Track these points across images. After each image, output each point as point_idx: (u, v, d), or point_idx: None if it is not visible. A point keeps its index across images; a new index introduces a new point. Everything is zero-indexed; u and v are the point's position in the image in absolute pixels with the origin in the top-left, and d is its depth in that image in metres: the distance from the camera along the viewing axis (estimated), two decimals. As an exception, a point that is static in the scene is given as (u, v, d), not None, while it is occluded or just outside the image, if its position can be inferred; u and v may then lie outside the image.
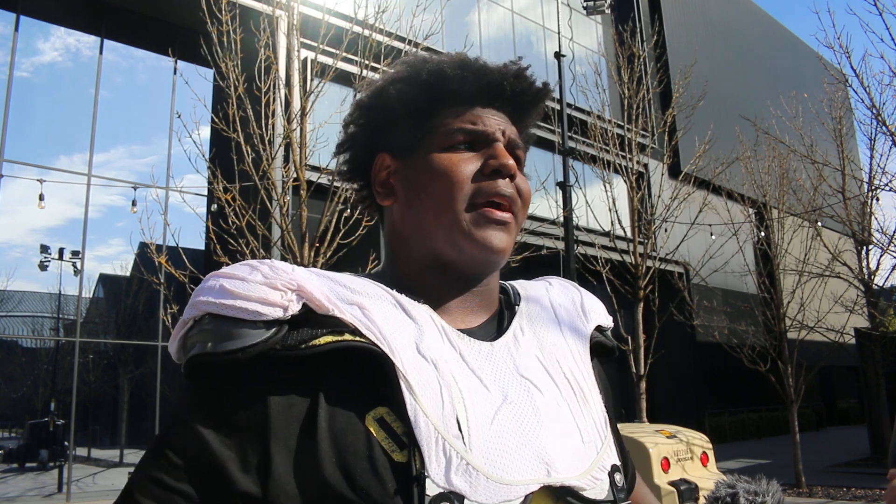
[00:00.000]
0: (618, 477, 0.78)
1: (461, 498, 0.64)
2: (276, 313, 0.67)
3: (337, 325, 0.69)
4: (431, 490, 0.64)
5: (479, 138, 0.81)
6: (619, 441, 0.86)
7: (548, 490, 0.69)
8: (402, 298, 0.75)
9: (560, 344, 0.84)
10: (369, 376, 0.69)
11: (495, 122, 0.82)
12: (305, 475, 0.64)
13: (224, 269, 0.73)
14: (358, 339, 0.68)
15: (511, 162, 0.79)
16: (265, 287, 0.69)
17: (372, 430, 0.66)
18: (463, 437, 0.67)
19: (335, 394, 0.67)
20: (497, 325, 0.83)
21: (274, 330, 0.67)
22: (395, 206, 0.84)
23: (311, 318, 0.69)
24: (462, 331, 0.77)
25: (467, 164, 0.79)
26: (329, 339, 0.68)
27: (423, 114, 0.83)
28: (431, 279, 0.80)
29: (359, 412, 0.67)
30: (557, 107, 10.57)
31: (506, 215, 0.79)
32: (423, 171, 0.80)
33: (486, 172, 0.79)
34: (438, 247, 0.78)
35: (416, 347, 0.71)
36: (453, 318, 0.79)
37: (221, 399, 0.67)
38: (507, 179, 0.80)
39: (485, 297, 0.82)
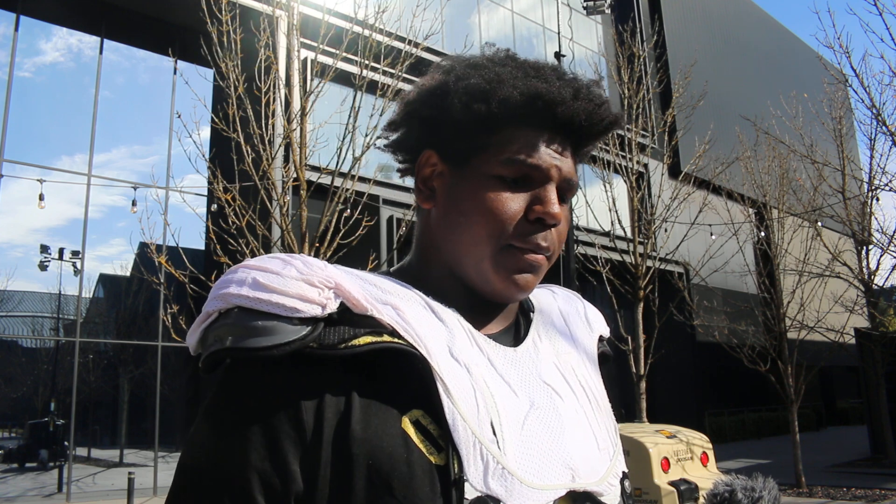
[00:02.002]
0: (627, 484, 0.79)
1: (497, 502, 0.64)
2: (315, 311, 0.66)
3: (375, 325, 0.67)
4: (470, 494, 0.64)
5: (533, 174, 0.76)
6: None
7: (570, 495, 0.70)
8: (432, 301, 0.75)
9: (572, 352, 0.85)
10: (403, 378, 0.68)
11: (552, 159, 0.77)
12: (341, 480, 0.63)
13: (252, 262, 0.70)
14: (397, 340, 0.67)
15: (556, 210, 0.76)
16: (302, 283, 0.67)
17: (409, 432, 0.66)
18: (497, 442, 0.67)
19: (369, 395, 0.66)
20: (515, 331, 0.83)
21: (310, 328, 0.65)
22: (433, 212, 0.81)
23: (346, 317, 0.67)
24: (487, 336, 0.77)
25: (513, 204, 0.75)
26: (369, 339, 0.66)
27: (484, 129, 0.77)
28: (457, 288, 0.79)
29: (394, 414, 0.66)
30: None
31: (539, 258, 0.77)
32: (468, 193, 0.77)
33: (531, 219, 0.76)
34: (467, 272, 0.77)
35: (449, 350, 0.70)
36: (476, 324, 0.78)
37: (255, 398, 0.65)
38: (549, 229, 0.77)
39: (506, 310, 0.83)
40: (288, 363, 0.65)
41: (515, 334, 0.83)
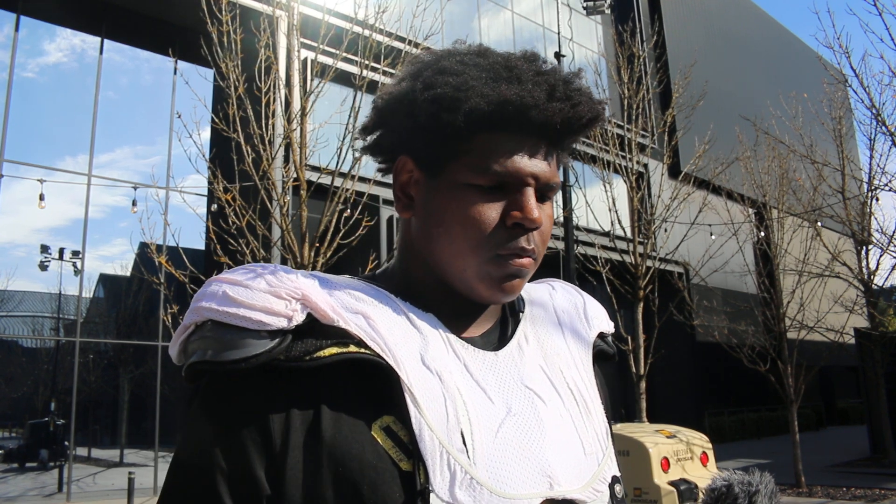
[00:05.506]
0: (618, 488, 0.78)
1: None
2: (281, 323, 0.67)
3: (342, 335, 0.68)
4: None
5: (508, 181, 0.74)
6: None
7: (547, 503, 0.70)
8: (408, 308, 0.74)
9: (563, 352, 0.83)
10: (374, 385, 0.68)
11: (528, 165, 0.74)
12: (310, 487, 0.64)
13: (226, 275, 0.71)
14: (363, 350, 0.67)
15: (535, 215, 0.74)
16: (269, 295, 0.67)
17: (379, 439, 0.66)
18: (467, 451, 0.67)
19: (340, 403, 0.67)
20: (501, 331, 0.82)
21: (278, 340, 0.66)
22: (413, 221, 0.80)
23: (315, 327, 0.68)
24: (466, 340, 0.76)
25: (490, 212, 0.74)
26: (334, 350, 0.67)
27: (454, 138, 0.74)
28: (439, 292, 0.78)
29: (365, 421, 0.67)
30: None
31: (525, 261, 0.76)
32: (444, 203, 0.75)
33: (509, 225, 0.74)
34: (451, 280, 0.77)
35: (421, 358, 0.70)
36: (458, 327, 0.77)
37: (227, 408, 0.67)
38: (530, 233, 0.75)
39: (491, 309, 0.82)
40: (259, 375, 0.66)
41: (501, 335, 0.81)
